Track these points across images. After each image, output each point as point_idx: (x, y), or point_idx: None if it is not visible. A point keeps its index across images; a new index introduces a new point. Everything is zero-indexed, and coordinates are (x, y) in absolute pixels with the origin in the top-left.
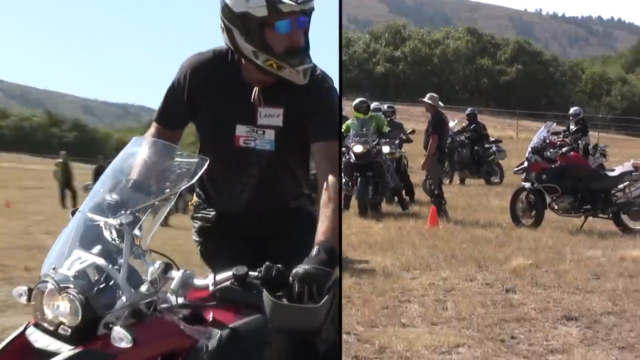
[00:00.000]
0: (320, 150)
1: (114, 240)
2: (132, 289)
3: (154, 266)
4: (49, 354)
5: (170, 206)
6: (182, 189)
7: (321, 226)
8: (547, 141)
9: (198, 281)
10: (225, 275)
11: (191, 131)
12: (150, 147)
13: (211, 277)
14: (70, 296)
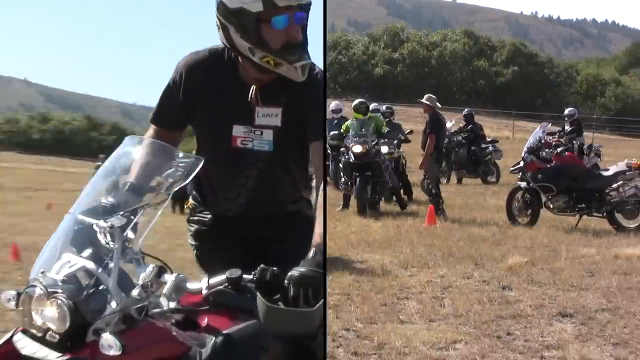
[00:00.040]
0: (318, 150)
1: (107, 244)
2: (123, 294)
3: (146, 270)
4: None
5: (164, 207)
6: (176, 189)
7: (318, 228)
8: (543, 141)
9: (191, 285)
10: (219, 279)
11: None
12: (147, 148)
13: (205, 281)
14: (59, 301)
